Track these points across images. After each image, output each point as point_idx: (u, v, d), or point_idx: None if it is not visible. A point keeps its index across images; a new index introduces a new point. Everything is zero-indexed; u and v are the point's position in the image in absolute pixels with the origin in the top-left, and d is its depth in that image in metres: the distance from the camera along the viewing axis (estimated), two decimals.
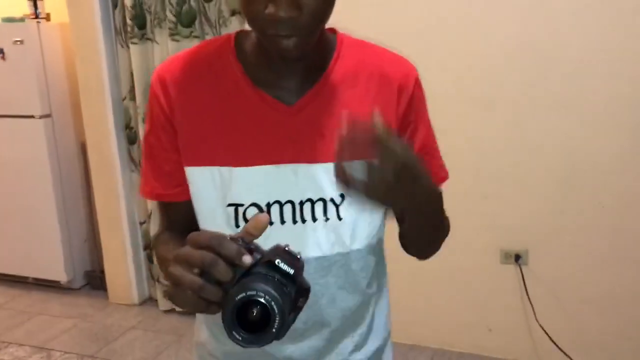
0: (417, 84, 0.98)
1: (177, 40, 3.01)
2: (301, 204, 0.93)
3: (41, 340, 3.17)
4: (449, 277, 2.83)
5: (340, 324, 1.00)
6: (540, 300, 2.67)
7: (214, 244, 0.66)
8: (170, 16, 3.00)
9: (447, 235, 1.02)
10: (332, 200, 0.94)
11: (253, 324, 0.65)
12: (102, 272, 3.63)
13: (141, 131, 3.23)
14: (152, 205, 3.31)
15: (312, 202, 0.93)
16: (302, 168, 0.93)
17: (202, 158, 0.94)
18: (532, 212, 2.65)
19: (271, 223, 0.92)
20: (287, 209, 0.93)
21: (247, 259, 0.66)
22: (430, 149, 1.01)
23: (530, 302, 2.66)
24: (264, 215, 0.73)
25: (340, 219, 0.94)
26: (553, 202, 2.60)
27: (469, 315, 2.85)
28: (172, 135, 0.95)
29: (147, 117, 0.99)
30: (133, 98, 3.26)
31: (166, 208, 1.02)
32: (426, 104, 1.00)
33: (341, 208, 0.94)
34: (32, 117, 3.48)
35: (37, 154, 3.52)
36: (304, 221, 0.93)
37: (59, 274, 3.67)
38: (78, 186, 3.70)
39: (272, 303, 0.63)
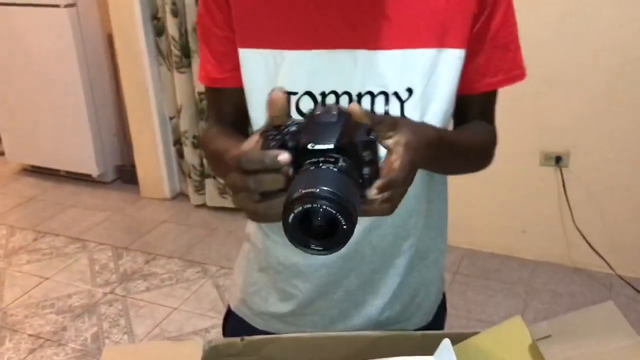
0: None
1: None
2: (359, 96, 0.84)
3: (76, 231, 3.22)
4: (484, 178, 2.74)
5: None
6: (579, 204, 2.60)
7: (242, 163, 0.60)
8: None
9: (488, 155, 0.97)
10: (395, 94, 0.84)
11: (322, 227, 0.58)
12: (133, 166, 3.64)
13: (169, 23, 3.11)
14: (181, 100, 3.25)
15: (373, 96, 0.84)
16: (363, 55, 0.83)
17: (255, 39, 0.87)
18: (576, 113, 2.53)
19: None
20: (344, 101, 0.85)
21: (284, 158, 0.59)
22: (504, 39, 0.87)
23: (569, 205, 2.60)
24: (275, 92, 0.64)
25: (403, 117, 0.84)
26: (600, 102, 2.48)
27: (503, 217, 2.81)
28: (226, 11, 0.87)
29: None
30: None
31: (218, 96, 0.96)
32: None
33: (407, 105, 0.84)
34: (56, 6, 3.35)
35: (63, 45, 3.42)
36: None
37: (90, 168, 3.69)
38: (106, 79, 3.63)
39: (326, 207, 0.56)
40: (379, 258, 0.94)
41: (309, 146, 0.60)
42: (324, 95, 0.85)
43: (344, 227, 0.57)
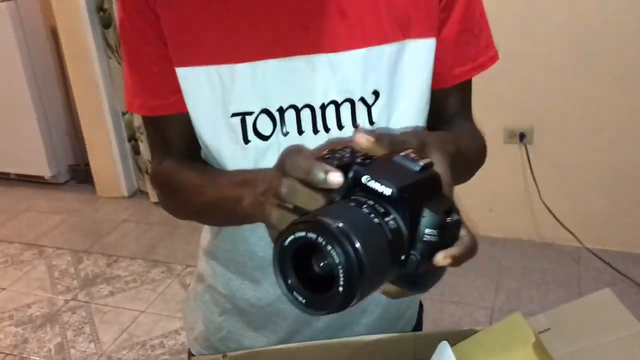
0: None
1: None
2: (323, 107, 0.74)
3: (31, 237, 3.08)
4: None
5: None
6: (545, 179, 2.61)
7: (287, 165, 0.51)
8: None
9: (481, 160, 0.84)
10: (362, 99, 0.74)
11: (318, 277, 0.46)
12: (87, 165, 3.50)
13: (116, 14, 2.98)
14: None
15: (337, 105, 0.74)
16: (321, 59, 0.72)
17: (194, 55, 0.73)
18: (539, 89, 2.52)
19: (286, 134, 0.75)
20: (306, 115, 0.74)
21: (335, 178, 0.48)
22: (470, 22, 0.79)
23: (535, 181, 2.60)
24: (359, 136, 0.53)
25: (372, 123, 0.75)
26: (563, 77, 2.47)
27: (469, 196, 2.78)
28: (156, 25, 0.73)
29: (119, 7, 0.77)
30: None
31: (161, 125, 0.81)
32: None
33: (374, 109, 0.75)
34: None
35: (3, 41, 3.25)
36: (327, 130, 0.75)
37: (42, 169, 3.53)
38: (53, 76, 3.47)
39: (332, 250, 0.43)
40: None
41: (364, 179, 0.48)
42: (281, 111, 0.74)
43: (340, 289, 0.43)
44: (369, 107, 0.75)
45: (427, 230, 0.48)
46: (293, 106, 0.74)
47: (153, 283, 2.66)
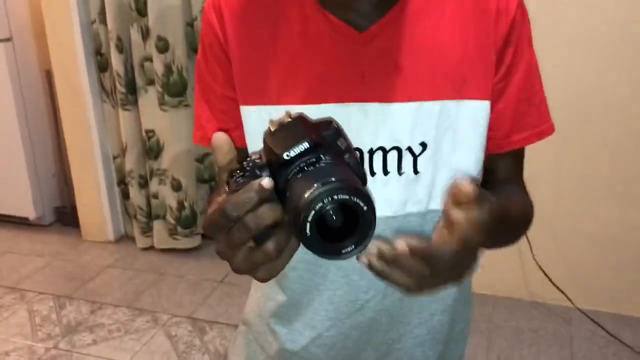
0: (520, 5, 0.79)
1: None
2: (371, 152, 0.77)
3: (13, 280, 3.00)
4: None
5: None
6: (537, 238, 2.60)
7: (228, 211, 0.54)
8: None
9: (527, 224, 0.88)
10: (409, 149, 0.77)
11: (341, 228, 0.53)
12: (73, 208, 3.45)
13: (113, 58, 2.99)
14: (126, 138, 3.11)
15: (385, 151, 0.78)
16: (374, 108, 0.76)
17: (257, 95, 0.80)
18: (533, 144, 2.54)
19: None
20: None
21: (267, 181, 0.53)
22: (529, 92, 0.82)
23: (527, 239, 2.60)
24: (217, 136, 0.63)
25: (417, 172, 0.78)
26: (559, 135, 2.50)
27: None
28: (227, 67, 0.81)
29: (199, 47, 0.84)
30: (104, 21, 2.98)
31: None
32: (530, 33, 0.81)
33: (420, 160, 0.78)
34: None
35: None
36: (373, 174, 0.78)
37: (27, 210, 3.47)
38: (44, 117, 3.45)
39: (338, 194, 0.51)
40: (397, 326, 0.87)
41: (285, 156, 0.55)
42: None
43: (365, 208, 0.51)
44: (415, 157, 0.78)
45: (338, 143, 0.59)
46: None
47: (137, 333, 2.59)
